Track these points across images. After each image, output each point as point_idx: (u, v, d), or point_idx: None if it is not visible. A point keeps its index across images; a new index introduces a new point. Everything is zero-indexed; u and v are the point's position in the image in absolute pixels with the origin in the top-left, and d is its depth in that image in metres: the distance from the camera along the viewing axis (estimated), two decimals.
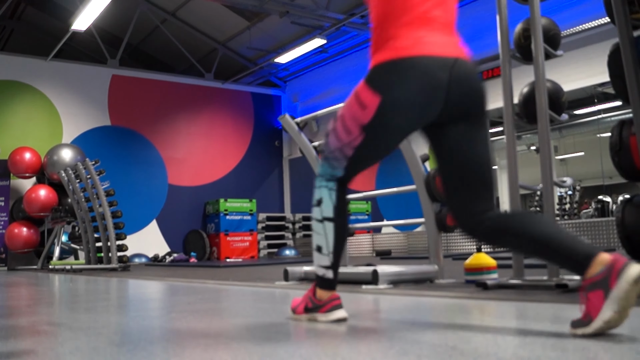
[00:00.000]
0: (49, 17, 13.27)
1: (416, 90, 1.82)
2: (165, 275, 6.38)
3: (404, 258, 8.49)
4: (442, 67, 1.83)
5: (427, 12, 1.91)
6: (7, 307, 3.38)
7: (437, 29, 1.92)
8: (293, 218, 13.71)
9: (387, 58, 1.90)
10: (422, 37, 1.87)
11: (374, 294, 3.20)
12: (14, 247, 10.59)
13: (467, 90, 1.88)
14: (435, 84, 1.81)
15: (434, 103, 1.83)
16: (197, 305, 2.94)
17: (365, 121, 1.91)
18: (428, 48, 1.86)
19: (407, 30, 1.89)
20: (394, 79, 1.85)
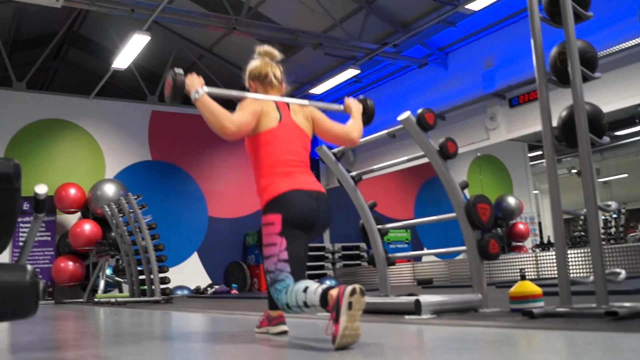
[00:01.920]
0: (90, 57, 13.68)
1: (301, 209, 2.63)
2: (208, 307, 6.41)
3: (446, 287, 8.38)
4: (310, 196, 2.68)
5: (287, 163, 2.74)
6: (55, 340, 3.44)
7: (300, 173, 2.75)
8: (332, 248, 13.67)
9: (274, 195, 2.66)
10: (293, 179, 2.69)
11: (417, 324, 3.17)
12: (61, 281, 10.79)
13: (326, 218, 2.76)
14: (311, 207, 2.66)
15: (312, 220, 2.67)
16: (240, 338, 2.95)
17: (278, 230, 2.59)
18: (299, 185, 2.69)
19: (280, 177, 2.70)
20: (284, 202, 2.63)
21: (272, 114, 2.78)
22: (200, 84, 2.70)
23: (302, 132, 2.86)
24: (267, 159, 2.73)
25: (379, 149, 12.28)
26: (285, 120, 2.82)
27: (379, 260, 4.45)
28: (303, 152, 2.83)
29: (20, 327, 4.49)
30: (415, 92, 12.00)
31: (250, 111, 2.71)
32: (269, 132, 2.75)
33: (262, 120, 2.75)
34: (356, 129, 2.99)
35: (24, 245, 2.00)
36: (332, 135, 2.96)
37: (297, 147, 2.80)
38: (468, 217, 3.70)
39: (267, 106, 2.80)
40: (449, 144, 3.86)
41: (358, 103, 3.12)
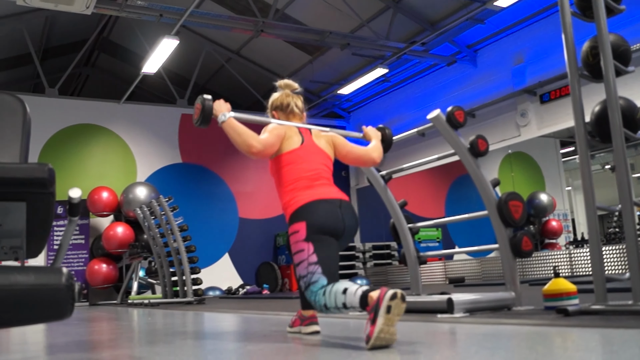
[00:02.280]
0: (120, 62, 13.87)
1: (326, 215, 2.72)
2: (239, 307, 6.45)
3: (479, 285, 8.31)
4: (334, 204, 2.78)
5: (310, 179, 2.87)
6: (90, 341, 3.49)
7: (323, 186, 2.88)
8: (363, 247, 13.65)
9: (298, 206, 2.78)
10: (315, 192, 2.81)
11: (450, 322, 3.14)
12: (95, 283, 10.95)
13: (352, 224, 2.82)
14: (336, 214, 2.75)
15: (337, 222, 2.73)
16: (272, 338, 2.96)
17: (303, 236, 2.67)
18: (322, 195, 2.80)
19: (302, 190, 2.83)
20: (308, 210, 2.73)
21: (295, 138, 2.96)
22: (227, 108, 2.87)
23: (323, 153, 3.03)
24: (289, 176, 2.89)
25: (409, 148, 12.23)
26: (307, 142, 2.99)
27: (410, 259, 4.43)
28: (325, 169, 2.97)
29: (56, 329, 4.57)
30: (444, 90, 11.92)
31: (275, 134, 2.89)
32: (291, 152, 2.92)
33: (284, 143, 2.93)
34: (376, 149, 3.20)
35: (59, 248, 2.03)
36: (353, 156, 3.18)
37: (319, 164, 2.95)
38: (500, 215, 3.66)
39: (290, 130, 2.98)
40: (480, 142, 3.83)
41: (376, 130, 3.34)
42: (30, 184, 1.70)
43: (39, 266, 1.57)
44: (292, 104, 3.16)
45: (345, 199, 2.85)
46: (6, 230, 1.88)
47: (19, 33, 10.73)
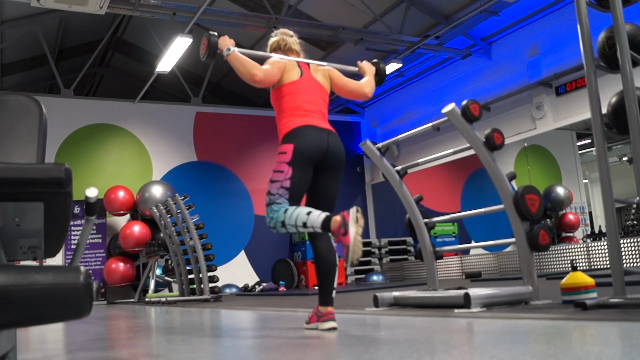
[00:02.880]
0: (134, 61, 13.94)
1: (312, 139, 3.01)
2: (256, 304, 6.47)
3: (495, 280, 8.27)
4: (321, 132, 3.06)
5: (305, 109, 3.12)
6: (109, 339, 3.52)
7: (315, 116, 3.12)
8: (379, 243, 13.63)
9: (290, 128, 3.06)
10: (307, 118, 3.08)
11: (467, 317, 3.13)
12: (112, 282, 11.03)
13: (338, 151, 3.10)
14: (321, 138, 3.03)
15: (321, 149, 3.03)
16: (289, 334, 2.97)
17: (288, 159, 2.99)
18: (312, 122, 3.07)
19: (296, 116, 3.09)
20: (297, 134, 3.02)
21: (294, 70, 3.22)
22: (232, 43, 3.13)
23: (320, 86, 3.27)
24: (287, 104, 3.14)
25: (424, 143, 12.19)
26: (306, 75, 3.24)
27: (426, 254, 4.42)
28: (321, 103, 3.23)
29: (75, 327, 4.61)
30: (458, 83, 11.86)
31: (276, 66, 3.15)
32: (291, 84, 3.17)
33: (285, 75, 3.18)
34: (368, 84, 3.41)
35: (76, 247, 2.05)
36: (347, 89, 3.38)
37: (316, 97, 3.20)
38: (516, 209, 3.64)
39: (290, 64, 3.23)
40: (495, 135, 3.80)
41: (371, 65, 3.53)
42: (47, 184, 1.71)
43: (58, 265, 1.58)
44: (289, 42, 3.41)
45: (333, 131, 3.14)
46: (24, 230, 1.90)
47: (34, 34, 10.82)
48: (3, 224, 1.80)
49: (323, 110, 3.21)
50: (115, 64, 14.47)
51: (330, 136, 3.08)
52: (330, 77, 3.36)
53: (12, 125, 2.45)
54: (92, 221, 2.05)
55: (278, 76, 3.15)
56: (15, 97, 2.54)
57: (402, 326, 3.03)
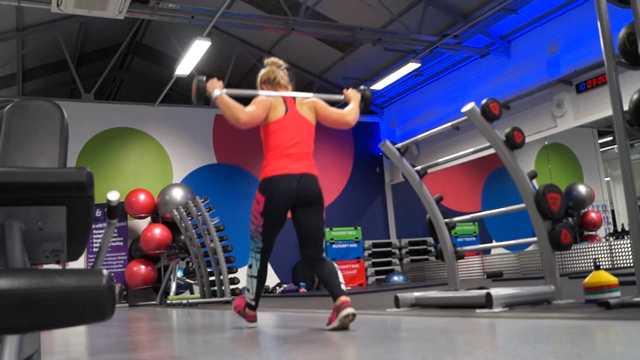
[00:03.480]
0: (154, 65, 14.05)
1: (280, 193, 3.33)
2: (277, 306, 6.48)
3: (517, 279, 8.21)
4: (292, 179, 3.32)
5: (287, 149, 3.36)
6: (131, 341, 3.55)
7: (293, 159, 3.35)
8: (399, 243, 13.59)
9: (265, 176, 3.37)
10: (283, 163, 3.33)
11: (489, 317, 3.11)
12: (134, 284, 11.11)
13: (308, 192, 3.35)
14: (290, 189, 3.31)
15: (290, 198, 3.33)
16: (310, 335, 2.97)
17: (261, 209, 3.40)
18: (285, 170, 3.33)
19: (275, 160, 3.36)
20: (269, 187, 3.35)
21: (280, 107, 3.41)
22: (220, 86, 3.36)
23: (306, 120, 3.47)
24: (272, 143, 3.38)
25: (443, 142, 12.14)
26: (291, 111, 3.43)
27: (447, 254, 4.39)
28: (307, 137, 3.44)
29: (97, 330, 4.65)
30: (478, 82, 11.79)
31: (261, 105, 3.37)
32: (276, 122, 3.39)
33: (271, 113, 3.40)
34: (352, 112, 3.59)
35: (99, 250, 2.06)
36: (331, 119, 3.58)
37: (302, 133, 3.41)
38: (538, 208, 3.61)
39: (276, 101, 3.43)
40: (516, 134, 3.77)
41: (356, 92, 3.71)
42: (69, 188, 1.73)
43: (81, 269, 1.60)
44: (277, 76, 3.60)
45: (309, 173, 3.37)
46: (47, 234, 1.92)
47: (54, 40, 10.94)
48: (26, 228, 1.83)
49: (307, 147, 3.43)
50: (135, 68, 14.60)
51: (301, 181, 3.32)
52: (315, 109, 3.54)
53: (34, 130, 2.48)
54: (114, 224, 2.07)
55: (263, 115, 3.38)
56: (36, 102, 2.58)
57: (423, 327, 3.02)
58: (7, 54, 11.11)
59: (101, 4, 7.34)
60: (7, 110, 2.52)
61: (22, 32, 10.62)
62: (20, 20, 10.29)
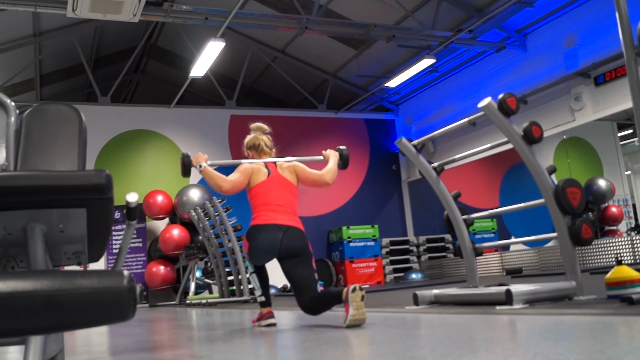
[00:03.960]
0: (169, 67, 14.12)
1: (263, 240, 3.59)
2: (295, 305, 6.48)
3: (537, 275, 8.15)
4: (278, 229, 3.59)
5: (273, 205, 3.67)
6: (151, 341, 3.57)
7: (279, 213, 3.65)
8: (417, 241, 13.55)
9: (253, 224, 3.66)
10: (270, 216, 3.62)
11: (509, 314, 3.09)
12: (153, 285, 11.18)
13: (293, 246, 3.60)
14: (274, 239, 3.57)
15: (273, 248, 3.58)
16: (329, 334, 2.97)
17: (246, 251, 3.70)
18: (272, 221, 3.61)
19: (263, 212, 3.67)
20: (255, 233, 3.63)
21: (262, 171, 3.78)
22: (204, 159, 3.77)
23: (287, 182, 3.78)
24: (258, 202, 3.70)
25: (459, 138, 12.07)
26: (273, 174, 3.78)
27: (465, 251, 4.37)
28: (289, 197, 3.75)
29: (118, 330, 4.68)
30: (494, 77, 11.71)
31: (242, 172, 3.76)
32: (259, 185, 3.74)
33: (253, 177, 3.77)
34: (329, 172, 3.91)
35: (119, 251, 2.08)
36: (310, 180, 3.90)
37: (284, 193, 3.73)
38: (557, 203, 3.58)
39: (258, 166, 3.80)
40: (534, 128, 3.74)
41: (335, 152, 4.04)
42: (89, 190, 1.74)
43: (102, 270, 1.61)
44: (261, 144, 4.00)
45: (295, 226, 3.65)
46: (68, 236, 1.93)
47: (70, 44, 11.04)
48: (48, 230, 1.84)
49: (290, 204, 3.73)
50: (150, 71, 14.68)
51: (287, 233, 3.59)
52: (295, 172, 3.88)
53: (54, 134, 2.50)
54: (133, 225, 2.08)
55: (245, 182, 3.77)
56: (55, 106, 2.60)
57: (443, 324, 3.00)
58: (25, 60, 11.22)
59: (115, 7, 7.39)
60: (27, 115, 2.54)
61: (39, 37, 10.72)
62: (37, 26, 10.39)
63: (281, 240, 3.56)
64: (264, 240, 3.58)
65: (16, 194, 1.71)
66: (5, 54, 10.54)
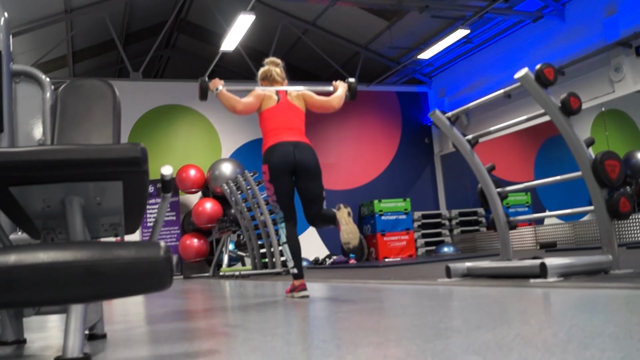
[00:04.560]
0: (199, 42, 14.14)
1: (278, 156, 3.85)
2: (327, 277, 6.53)
3: (572, 249, 8.06)
4: (288, 145, 3.87)
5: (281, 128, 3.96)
6: (187, 312, 3.63)
7: (287, 132, 3.94)
8: (449, 214, 13.49)
9: (265, 148, 3.93)
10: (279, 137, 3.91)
11: (544, 287, 3.07)
12: (187, 257, 11.36)
13: (306, 159, 3.91)
14: (287, 152, 3.85)
15: (289, 161, 3.85)
16: (362, 305, 2.98)
17: (268, 177, 3.90)
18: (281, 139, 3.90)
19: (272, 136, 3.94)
20: (269, 154, 3.90)
21: (273, 98, 4.04)
22: (221, 84, 3.97)
23: (295, 107, 4.07)
24: (266, 126, 3.99)
25: (494, 111, 11.91)
26: (283, 100, 4.06)
27: (499, 225, 4.34)
28: (297, 120, 4.03)
29: (154, 301, 4.78)
30: (530, 48, 11.48)
31: (255, 96, 4.03)
32: (269, 109, 4.02)
33: (264, 102, 4.04)
34: (336, 98, 4.16)
35: (155, 223, 2.11)
36: (318, 104, 4.16)
37: (291, 117, 4.01)
38: (595, 175, 3.51)
39: (270, 93, 4.06)
40: (572, 99, 3.67)
41: (344, 82, 4.27)
42: (125, 163, 1.77)
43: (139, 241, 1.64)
44: (273, 73, 4.21)
45: (303, 141, 3.94)
46: (105, 208, 1.97)
47: (101, 21, 11.11)
48: (85, 203, 1.88)
49: (298, 125, 4.01)
50: (181, 45, 14.72)
51: (297, 148, 3.87)
52: (304, 98, 4.14)
53: (89, 109, 2.53)
54: (168, 198, 2.11)
55: (257, 105, 4.03)
56: (90, 81, 2.63)
57: (476, 296, 3.00)
58: (57, 37, 11.34)
59: None
60: (62, 91, 2.58)
61: (70, 14, 10.81)
62: (67, 3, 10.47)
63: (294, 153, 3.85)
64: (278, 156, 3.84)
65: (54, 167, 1.74)
66: (38, 32, 10.66)
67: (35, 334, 2.75)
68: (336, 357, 1.52)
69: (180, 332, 2.47)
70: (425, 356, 1.42)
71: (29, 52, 11.37)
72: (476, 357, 1.36)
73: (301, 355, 1.59)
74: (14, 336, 2.30)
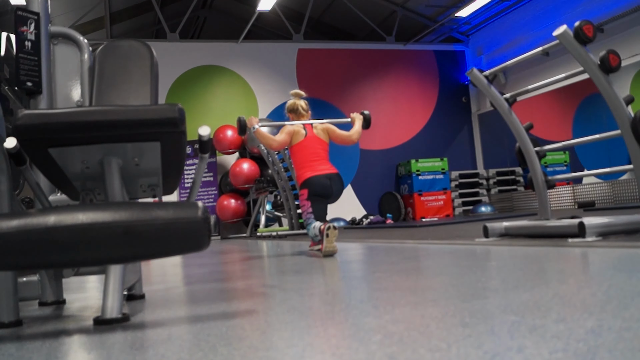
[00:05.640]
0: (236, 2, 14.07)
1: (318, 187, 4.42)
2: (365, 237, 6.56)
3: (610, 209, 7.92)
4: (326, 177, 4.45)
5: (312, 161, 4.52)
6: (225, 272, 3.70)
7: (319, 165, 4.51)
8: (487, 174, 13.35)
9: (304, 179, 4.47)
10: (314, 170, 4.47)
11: (582, 247, 3.04)
12: (225, 218, 11.52)
13: (339, 188, 4.54)
14: (325, 185, 4.44)
15: (327, 193, 4.46)
16: (399, 265, 3.00)
17: (306, 196, 4.42)
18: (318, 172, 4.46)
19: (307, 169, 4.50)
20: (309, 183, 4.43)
21: (301, 132, 4.56)
22: (256, 122, 4.52)
23: (321, 140, 4.61)
24: (300, 159, 4.54)
25: (532, 69, 11.65)
26: (310, 134, 4.58)
27: (537, 184, 4.28)
28: (322, 152, 4.59)
29: (192, 261, 4.87)
30: (569, 5, 11.14)
31: (286, 133, 4.55)
32: (299, 143, 4.55)
33: (294, 137, 4.56)
34: (355, 132, 4.69)
35: (192, 184, 2.14)
36: (340, 139, 4.70)
37: (319, 149, 4.56)
38: (635, 134, 3.43)
39: (298, 127, 4.57)
40: (611, 57, 3.56)
41: (359, 115, 4.77)
42: (162, 124, 1.78)
43: (178, 202, 1.67)
44: (299, 108, 4.73)
45: (334, 172, 4.52)
46: (143, 169, 2.00)
47: None
48: (124, 164, 1.91)
49: (324, 156, 4.59)
50: (217, 6, 14.68)
51: (332, 181, 4.47)
52: (327, 131, 4.67)
53: (126, 69, 2.56)
54: (206, 159, 2.13)
55: (289, 141, 4.56)
56: (127, 42, 2.65)
57: (514, 256, 2.98)
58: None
59: None
60: (100, 52, 2.61)
61: None
62: None
63: (331, 186, 4.46)
64: (318, 187, 4.42)
65: (93, 128, 1.77)
66: None
67: (74, 294, 2.83)
68: (373, 316, 1.54)
69: (218, 293, 2.52)
70: (463, 316, 1.42)
71: (66, 13, 11.47)
72: (514, 317, 1.36)
73: (338, 315, 1.61)
74: (53, 297, 2.36)
